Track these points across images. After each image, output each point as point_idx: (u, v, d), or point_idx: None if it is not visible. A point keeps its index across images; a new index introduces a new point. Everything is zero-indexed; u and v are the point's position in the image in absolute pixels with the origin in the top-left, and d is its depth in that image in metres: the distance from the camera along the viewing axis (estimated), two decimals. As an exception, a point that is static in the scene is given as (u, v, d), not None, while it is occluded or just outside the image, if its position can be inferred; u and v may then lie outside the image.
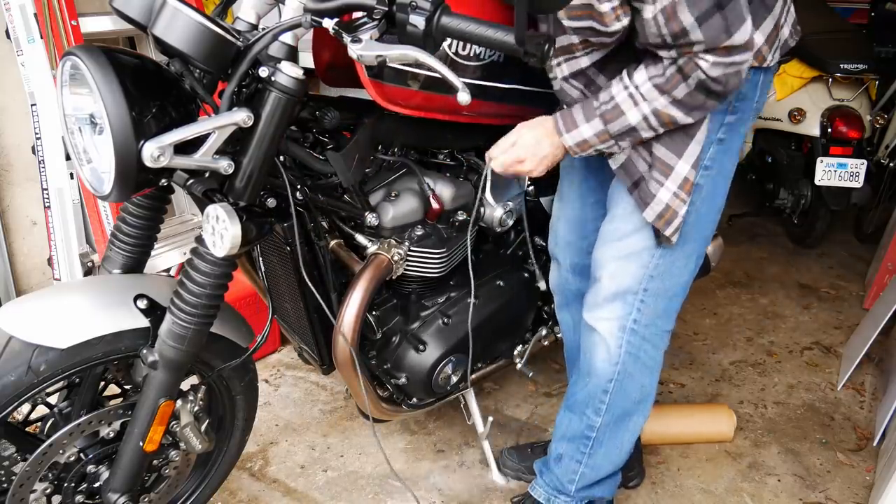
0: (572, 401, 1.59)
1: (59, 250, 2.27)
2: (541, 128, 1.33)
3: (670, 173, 1.31)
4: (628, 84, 1.23)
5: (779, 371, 2.46)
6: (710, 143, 1.33)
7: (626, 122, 1.24)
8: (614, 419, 1.54)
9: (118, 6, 1.13)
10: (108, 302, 1.24)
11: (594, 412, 1.54)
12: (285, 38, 1.12)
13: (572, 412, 1.58)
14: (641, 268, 1.42)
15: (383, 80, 1.28)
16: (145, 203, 1.35)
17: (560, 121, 1.30)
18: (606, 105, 1.25)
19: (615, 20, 1.14)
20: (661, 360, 1.53)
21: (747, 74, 1.23)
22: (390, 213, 1.46)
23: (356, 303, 1.38)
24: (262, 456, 1.98)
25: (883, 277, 2.83)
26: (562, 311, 1.78)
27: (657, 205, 1.32)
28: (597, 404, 1.53)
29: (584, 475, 1.59)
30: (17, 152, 2.37)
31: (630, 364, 1.48)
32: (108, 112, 1.00)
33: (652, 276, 1.42)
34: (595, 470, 1.59)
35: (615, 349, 1.47)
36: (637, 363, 1.49)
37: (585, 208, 1.62)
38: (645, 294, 1.43)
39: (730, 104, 1.31)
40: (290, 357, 2.44)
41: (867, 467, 1.98)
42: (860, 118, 3.17)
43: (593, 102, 1.27)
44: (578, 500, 1.63)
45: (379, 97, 1.29)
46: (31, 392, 1.18)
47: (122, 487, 1.29)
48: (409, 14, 1.02)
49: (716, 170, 1.36)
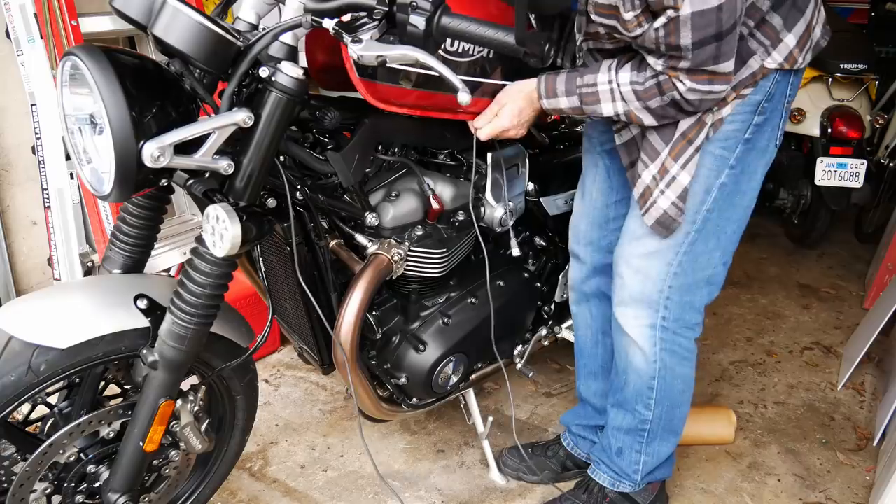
0: (620, 398, 1.61)
1: (59, 250, 2.27)
2: (521, 99, 1.40)
3: (656, 158, 1.35)
4: (612, 79, 1.29)
5: (779, 371, 2.46)
6: (737, 142, 1.35)
7: (600, 111, 1.32)
8: (664, 410, 1.58)
9: (118, 6, 1.13)
10: (108, 302, 1.24)
11: (644, 407, 1.58)
12: (285, 38, 1.12)
13: (623, 409, 1.61)
14: (665, 265, 1.43)
15: (376, 79, 1.28)
16: (145, 203, 1.35)
17: (542, 86, 1.37)
18: (588, 88, 1.32)
19: (637, 26, 1.18)
20: (695, 349, 1.56)
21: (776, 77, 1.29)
22: (390, 213, 1.46)
23: (356, 303, 1.38)
24: (262, 456, 1.98)
25: (883, 277, 2.83)
26: (578, 306, 1.79)
27: (641, 185, 1.37)
28: (645, 400, 1.57)
29: (647, 462, 1.64)
30: (17, 152, 2.38)
31: (668, 359, 1.51)
32: (108, 112, 1.00)
33: (676, 273, 1.44)
34: (655, 457, 1.64)
35: (650, 349, 1.50)
36: (674, 357, 1.52)
37: (609, 207, 1.64)
38: (670, 291, 1.45)
39: (759, 105, 1.33)
40: (290, 357, 2.44)
41: (867, 467, 1.98)
42: (860, 118, 3.16)
43: (576, 80, 1.33)
44: (642, 484, 1.68)
45: (371, 97, 1.29)
46: (31, 392, 1.18)
47: (122, 487, 1.29)
48: (410, 14, 1.03)
49: (740, 168, 1.37)
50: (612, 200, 1.62)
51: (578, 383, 1.86)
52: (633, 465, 1.64)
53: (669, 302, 1.46)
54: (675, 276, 1.44)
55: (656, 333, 1.48)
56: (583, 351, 1.82)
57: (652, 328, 1.48)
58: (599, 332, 1.76)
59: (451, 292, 1.65)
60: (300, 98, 1.13)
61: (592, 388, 1.82)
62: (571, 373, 2.40)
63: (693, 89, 1.20)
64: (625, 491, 1.68)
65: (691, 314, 1.50)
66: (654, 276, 1.44)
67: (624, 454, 1.64)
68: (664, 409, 1.57)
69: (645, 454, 1.62)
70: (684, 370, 1.55)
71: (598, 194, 1.64)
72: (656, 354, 1.50)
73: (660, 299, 1.46)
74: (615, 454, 1.66)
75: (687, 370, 1.56)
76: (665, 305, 1.46)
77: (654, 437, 1.60)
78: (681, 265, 1.43)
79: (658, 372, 1.52)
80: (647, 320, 1.48)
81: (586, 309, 1.76)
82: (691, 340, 1.54)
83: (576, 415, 1.88)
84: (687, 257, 1.43)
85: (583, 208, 1.68)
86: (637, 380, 1.55)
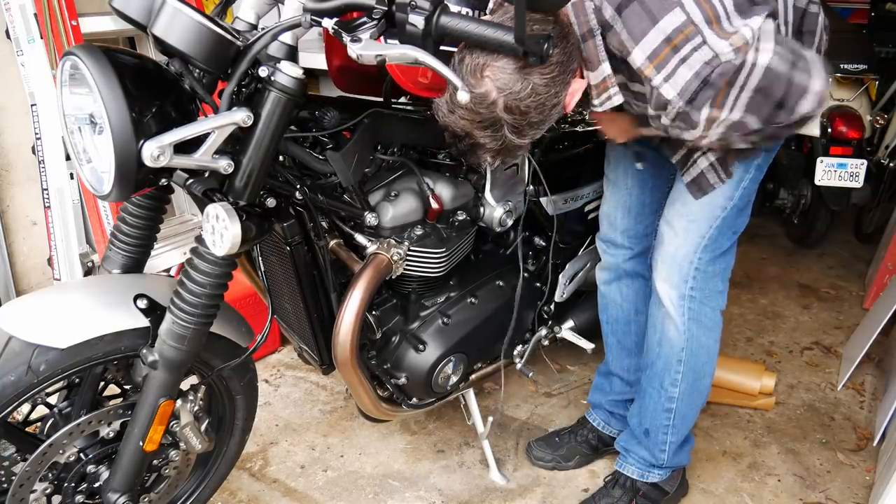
0: (651, 373, 1.66)
1: (59, 250, 2.27)
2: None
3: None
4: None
5: (779, 371, 2.45)
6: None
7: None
8: (689, 385, 1.63)
9: (118, 6, 1.13)
10: (108, 302, 1.24)
11: (671, 384, 1.62)
12: (285, 37, 1.12)
13: (651, 386, 1.66)
14: (699, 237, 1.49)
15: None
16: (145, 203, 1.35)
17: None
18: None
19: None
20: (720, 321, 1.61)
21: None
22: (390, 212, 1.46)
23: (356, 303, 1.38)
24: (262, 456, 1.98)
25: (883, 277, 2.83)
26: (608, 286, 1.84)
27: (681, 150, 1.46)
28: (673, 375, 1.61)
29: (672, 443, 1.69)
30: (17, 152, 2.38)
31: (695, 329, 1.57)
32: (108, 112, 1.00)
33: (706, 245, 1.50)
34: (679, 435, 1.69)
35: (679, 319, 1.55)
36: (701, 327, 1.57)
37: (644, 193, 1.70)
38: (699, 262, 1.51)
39: None
40: (290, 357, 2.44)
41: (867, 467, 1.98)
42: (860, 118, 3.16)
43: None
44: (668, 470, 1.74)
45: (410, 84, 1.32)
46: (31, 392, 1.18)
47: (122, 487, 1.29)
48: (409, 14, 1.03)
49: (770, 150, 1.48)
50: (649, 186, 1.69)
51: (609, 359, 1.91)
52: (661, 446, 1.69)
53: (697, 272, 1.52)
54: (705, 249, 1.50)
55: (685, 304, 1.54)
56: (615, 329, 1.87)
57: (681, 298, 1.54)
58: (633, 311, 1.82)
59: (451, 292, 1.66)
60: (300, 98, 1.13)
61: (626, 363, 1.88)
62: (571, 373, 2.40)
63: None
64: (654, 481, 1.73)
65: (714, 282, 1.56)
66: (691, 242, 1.50)
67: (651, 435, 1.69)
68: (689, 383, 1.62)
69: (672, 434, 1.67)
70: (709, 341, 1.60)
71: (633, 184, 1.70)
72: (685, 324, 1.56)
73: (689, 269, 1.51)
74: (643, 435, 1.71)
75: (711, 342, 1.61)
76: (693, 276, 1.52)
77: (679, 415, 1.65)
78: (711, 238, 1.49)
79: (686, 342, 1.57)
80: (677, 290, 1.54)
81: (617, 289, 1.82)
82: (716, 311, 1.59)
83: (603, 392, 1.94)
84: (717, 231, 1.49)
85: (616, 198, 1.73)
86: (669, 351, 1.60)
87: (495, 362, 1.84)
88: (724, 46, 1.10)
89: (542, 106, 1.17)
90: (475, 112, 1.16)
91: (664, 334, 1.60)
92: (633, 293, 1.80)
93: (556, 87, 1.17)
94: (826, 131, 3.17)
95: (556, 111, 1.21)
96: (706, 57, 1.11)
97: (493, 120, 1.17)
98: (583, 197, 1.93)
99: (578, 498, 1.82)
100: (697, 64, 1.11)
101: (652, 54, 1.14)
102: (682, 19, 1.10)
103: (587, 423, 1.97)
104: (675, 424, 1.66)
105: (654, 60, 1.14)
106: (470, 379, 1.75)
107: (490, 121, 1.17)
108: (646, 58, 1.14)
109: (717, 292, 1.58)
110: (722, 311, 1.61)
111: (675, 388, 1.62)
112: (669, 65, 1.13)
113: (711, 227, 1.49)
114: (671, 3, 1.11)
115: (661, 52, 1.13)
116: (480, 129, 1.19)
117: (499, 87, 1.14)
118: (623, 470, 1.76)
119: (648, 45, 1.13)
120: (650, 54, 1.14)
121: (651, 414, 1.68)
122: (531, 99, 1.15)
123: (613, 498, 1.75)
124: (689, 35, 1.11)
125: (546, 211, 1.82)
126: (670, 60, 1.13)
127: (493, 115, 1.16)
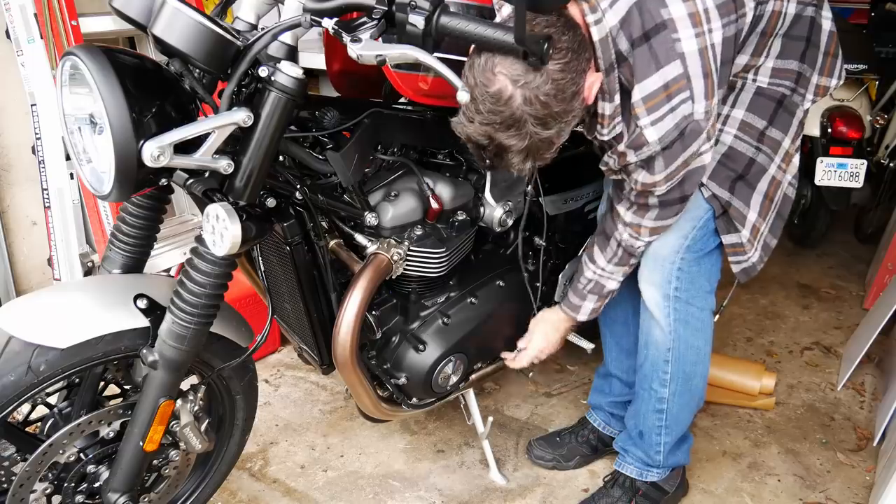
0: (640, 375, 1.68)
1: (59, 250, 2.27)
2: (548, 327, 1.69)
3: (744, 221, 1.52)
4: (596, 269, 1.58)
5: (779, 371, 2.45)
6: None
7: (610, 288, 1.59)
8: (679, 386, 1.63)
9: (118, 6, 1.13)
10: (108, 302, 1.24)
11: (660, 384, 1.63)
12: (285, 37, 1.12)
13: (642, 388, 1.68)
14: (681, 237, 1.50)
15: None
16: (145, 203, 1.35)
17: (567, 310, 1.65)
18: (589, 285, 1.60)
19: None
20: (710, 322, 1.61)
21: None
22: (390, 212, 1.46)
23: (356, 303, 1.38)
24: (262, 456, 1.98)
25: (883, 277, 2.83)
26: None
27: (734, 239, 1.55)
28: (661, 376, 1.62)
29: (667, 444, 1.69)
30: (17, 152, 2.38)
31: (682, 330, 1.57)
32: (108, 112, 1.00)
33: (689, 245, 1.51)
34: (672, 436, 1.69)
35: (664, 320, 1.56)
36: (688, 328, 1.57)
37: None
38: (682, 262, 1.52)
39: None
40: (290, 357, 2.44)
41: (867, 467, 1.98)
42: (860, 118, 3.16)
43: (578, 285, 1.62)
44: (667, 469, 1.75)
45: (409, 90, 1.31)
46: (31, 392, 1.18)
47: (122, 487, 1.29)
48: (409, 14, 1.03)
49: None
50: None
51: (608, 361, 1.92)
52: (656, 447, 1.70)
53: (681, 273, 1.52)
54: (688, 250, 1.51)
55: (670, 305, 1.54)
56: (613, 330, 1.89)
57: (665, 298, 1.54)
58: (630, 312, 1.82)
59: (451, 292, 1.65)
60: (300, 97, 1.13)
61: (624, 364, 1.88)
62: (571, 373, 2.40)
63: (647, 242, 1.50)
64: (653, 480, 1.74)
65: (700, 282, 1.56)
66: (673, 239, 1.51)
67: (645, 437, 1.70)
68: (679, 384, 1.62)
69: (665, 434, 1.68)
70: (698, 342, 1.60)
71: None
72: (671, 325, 1.56)
73: (672, 270, 1.52)
74: (637, 437, 1.72)
75: (701, 342, 1.61)
76: (677, 276, 1.52)
77: (671, 416, 1.65)
78: (694, 238, 1.50)
79: (673, 343, 1.58)
80: (661, 291, 1.54)
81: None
82: (704, 312, 1.59)
83: (603, 393, 1.95)
84: (700, 231, 1.50)
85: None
86: (655, 352, 1.61)
87: (495, 362, 1.84)
88: (701, 107, 1.21)
89: (562, 92, 1.15)
90: (494, 112, 1.14)
91: (649, 336, 1.61)
92: (630, 294, 1.79)
93: (572, 73, 1.15)
94: (826, 131, 3.17)
95: (578, 101, 1.19)
96: (686, 111, 1.21)
97: (514, 118, 1.14)
98: (583, 197, 1.93)
99: (578, 498, 1.83)
100: (679, 116, 1.22)
101: (647, 97, 1.22)
102: (679, 72, 1.19)
103: (588, 424, 1.97)
104: (668, 425, 1.67)
105: (647, 102, 1.22)
106: (470, 379, 1.75)
107: (511, 119, 1.14)
108: (641, 98, 1.22)
109: (705, 293, 1.57)
110: (712, 311, 1.61)
111: (664, 389, 1.63)
112: (660, 111, 1.22)
113: (694, 228, 1.49)
114: (674, 55, 1.19)
115: (656, 97, 1.21)
116: (503, 129, 1.16)
117: (513, 80, 1.12)
118: (622, 469, 1.77)
119: (648, 87, 1.21)
120: (646, 96, 1.22)
121: (643, 415, 1.69)
122: (549, 86, 1.13)
123: (613, 498, 1.75)
124: (682, 87, 1.20)
125: (546, 211, 1.82)
126: (662, 107, 1.21)
127: (512, 112, 1.14)
